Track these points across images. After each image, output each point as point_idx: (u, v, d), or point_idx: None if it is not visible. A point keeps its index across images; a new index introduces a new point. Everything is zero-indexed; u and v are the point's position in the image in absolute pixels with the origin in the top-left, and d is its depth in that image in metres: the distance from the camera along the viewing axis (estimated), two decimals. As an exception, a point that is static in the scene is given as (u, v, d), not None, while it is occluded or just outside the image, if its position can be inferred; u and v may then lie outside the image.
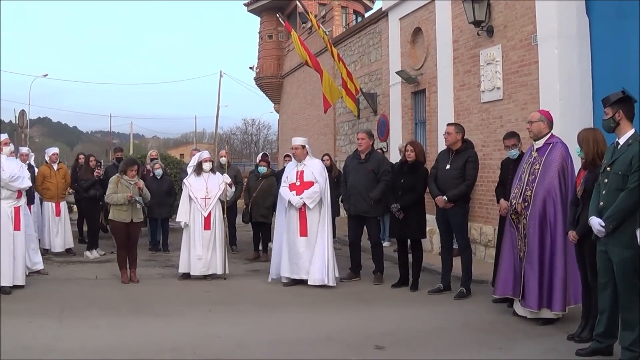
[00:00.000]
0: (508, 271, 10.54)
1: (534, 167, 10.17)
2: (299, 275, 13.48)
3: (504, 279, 10.59)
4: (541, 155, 10.16)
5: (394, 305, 11.90)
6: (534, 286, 9.98)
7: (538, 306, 10.01)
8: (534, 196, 10.01)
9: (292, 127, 36.54)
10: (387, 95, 22.59)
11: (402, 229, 13.07)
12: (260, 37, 40.89)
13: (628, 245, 7.63)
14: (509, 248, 10.60)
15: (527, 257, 10.11)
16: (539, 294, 9.97)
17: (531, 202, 10.04)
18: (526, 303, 10.12)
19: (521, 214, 10.19)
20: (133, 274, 13.86)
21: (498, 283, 10.77)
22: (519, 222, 10.29)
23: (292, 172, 13.87)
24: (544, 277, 9.97)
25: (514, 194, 10.40)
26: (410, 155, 12.96)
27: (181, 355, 8.61)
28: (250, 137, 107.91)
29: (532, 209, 10.03)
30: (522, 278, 10.16)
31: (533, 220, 10.01)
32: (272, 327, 10.22)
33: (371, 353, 8.76)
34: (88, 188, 17.13)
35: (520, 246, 10.31)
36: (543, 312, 10.06)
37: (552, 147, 10.11)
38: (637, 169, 7.68)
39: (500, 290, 10.71)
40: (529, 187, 10.12)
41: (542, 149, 10.23)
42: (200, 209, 14.13)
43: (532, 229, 10.02)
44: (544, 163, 10.04)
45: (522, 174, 10.38)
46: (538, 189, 9.99)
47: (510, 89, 15.18)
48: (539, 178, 10.03)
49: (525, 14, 14.59)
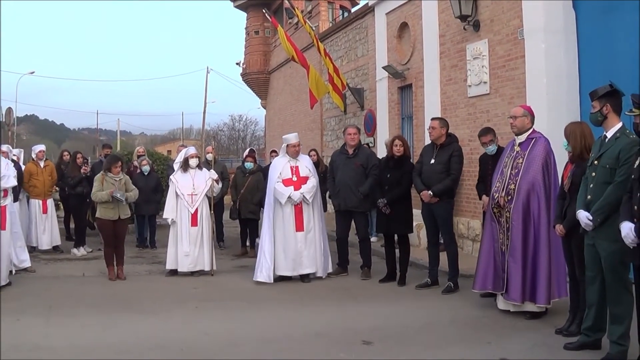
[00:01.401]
0: (487, 266, 10.56)
1: (517, 161, 10.18)
2: (298, 271, 13.50)
3: (483, 273, 10.63)
4: (524, 149, 10.18)
5: (381, 300, 11.90)
6: (517, 279, 10.00)
7: (521, 299, 10.03)
8: (518, 190, 10.02)
9: (279, 123, 36.53)
10: (373, 90, 22.60)
11: (389, 223, 13.06)
12: (247, 33, 40.87)
13: (616, 238, 7.61)
14: (489, 242, 10.61)
15: (510, 251, 10.12)
16: (522, 287, 9.99)
17: (515, 195, 10.05)
18: (509, 296, 10.14)
19: (504, 208, 10.20)
20: (120, 271, 13.82)
21: (477, 278, 10.77)
22: (501, 216, 10.30)
23: (286, 168, 13.77)
24: (527, 271, 9.99)
25: (496, 188, 10.41)
26: (400, 150, 12.95)
27: (168, 352, 8.58)
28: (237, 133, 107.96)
29: (515, 202, 10.04)
30: (505, 272, 10.17)
31: (517, 214, 10.02)
32: (259, 323, 10.20)
33: (359, 349, 8.75)
34: (75, 185, 17.07)
35: (502, 240, 10.32)
36: (527, 306, 10.08)
37: (535, 142, 10.14)
38: (624, 162, 7.68)
39: (480, 285, 10.73)
40: (512, 181, 10.13)
41: (524, 143, 10.25)
42: (187, 206, 14.10)
43: (516, 222, 10.03)
44: (528, 157, 10.06)
45: (503, 168, 10.39)
46: (522, 183, 10.00)
47: (496, 84, 15.18)
48: (522, 172, 10.04)
49: (511, 8, 14.58)
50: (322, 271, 13.67)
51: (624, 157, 7.69)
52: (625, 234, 7.14)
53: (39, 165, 17.17)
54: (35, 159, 17.26)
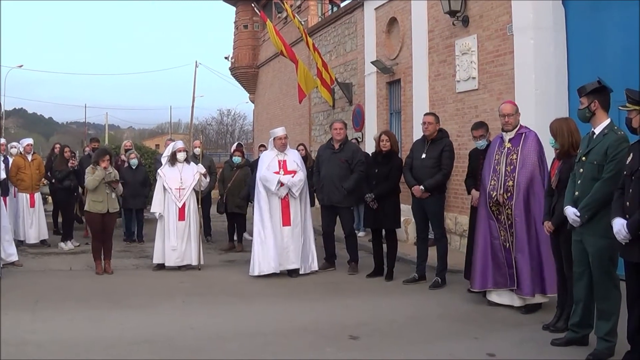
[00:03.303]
0: (486, 264, 10.51)
1: (510, 157, 10.16)
2: (284, 266, 13.48)
3: (482, 272, 10.56)
4: (515, 145, 10.18)
5: (368, 295, 11.90)
6: (527, 274, 10.01)
7: (533, 293, 10.05)
8: (517, 186, 10.00)
9: (267, 117, 36.47)
10: (362, 85, 22.58)
11: (377, 218, 13.06)
12: (236, 27, 40.77)
13: (603, 234, 7.64)
14: (485, 240, 10.56)
15: (516, 247, 10.10)
16: (532, 281, 10.00)
17: (514, 192, 10.03)
18: (522, 292, 10.12)
19: (503, 205, 10.17)
20: (107, 265, 13.79)
21: (475, 277, 10.70)
22: (500, 213, 10.27)
23: (273, 162, 13.71)
24: (534, 263, 10.01)
25: (492, 186, 10.34)
26: (386, 145, 12.92)
27: (155, 346, 8.57)
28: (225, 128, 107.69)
29: (516, 198, 10.03)
30: (515, 268, 10.16)
31: (519, 210, 10.01)
32: (246, 318, 10.20)
33: (346, 343, 8.76)
34: (62, 179, 17.04)
35: (504, 236, 10.29)
36: (537, 299, 10.13)
37: (525, 137, 10.15)
38: (612, 158, 7.70)
39: (479, 284, 10.65)
40: (509, 178, 10.10)
41: (514, 139, 10.25)
42: (175, 200, 14.06)
43: (519, 217, 10.02)
44: (522, 153, 10.05)
45: (496, 165, 10.35)
46: (520, 179, 9.98)
47: (485, 79, 15.19)
48: (519, 168, 10.03)
49: (501, 4, 14.59)
50: (308, 267, 13.64)
51: (612, 154, 7.71)
52: (617, 230, 7.14)
53: (26, 158, 17.07)
54: (23, 153, 17.18)
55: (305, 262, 13.61)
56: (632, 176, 7.14)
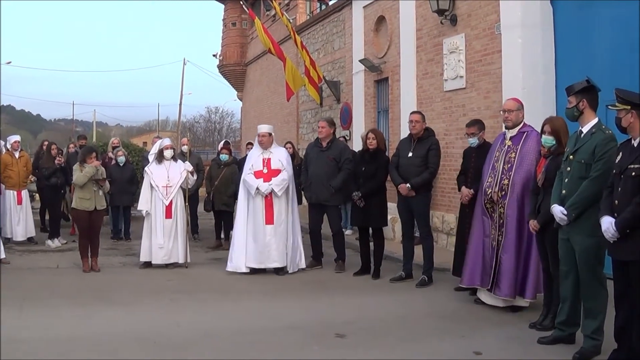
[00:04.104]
0: (476, 261, 10.53)
1: (509, 155, 10.13)
2: (266, 264, 13.45)
3: (471, 269, 10.61)
4: (516, 143, 10.15)
5: (355, 293, 11.92)
6: (510, 275, 9.97)
7: (514, 294, 10.02)
8: (512, 185, 9.97)
9: (255, 115, 36.49)
10: (350, 83, 22.59)
11: (364, 216, 13.08)
12: (224, 25, 40.81)
13: (590, 233, 7.67)
14: (479, 238, 10.57)
15: (504, 247, 10.08)
16: (514, 282, 9.98)
17: (509, 191, 10.01)
18: (501, 292, 10.09)
19: (497, 203, 10.16)
20: (94, 262, 13.76)
21: (465, 273, 10.74)
22: (494, 211, 10.26)
23: (257, 160, 13.75)
24: (520, 266, 9.97)
25: (488, 183, 10.33)
26: (372, 143, 12.94)
27: (142, 344, 8.55)
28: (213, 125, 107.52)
29: (510, 198, 10.00)
30: (497, 267, 10.14)
31: (511, 210, 9.98)
32: (233, 315, 10.21)
33: (332, 341, 8.75)
34: (49, 176, 17.00)
35: (494, 235, 10.29)
36: (517, 300, 10.10)
37: (526, 136, 10.09)
38: (600, 157, 7.73)
39: (468, 281, 10.72)
40: (505, 176, 10.08)
41: (516, 137, 10.21)
42: (162, 197, 14.04)
43: (511, 217, 9.99)
44: (521, 152, 10.01)
45: (495, 162, 10.34)
46: (516, 178, 9.95)
47: (473, 78, 15.21)
48: (515, 167, 10.00)
49: (489, 3, 14.60)
50: (293, 266, 13.61)
51: (600, 153, 7.74)
52: (605, 228, 7.16)
53: (13, 156, 17.02)
54: (10, 150, 17.13)
55: (293, 260, 13.59)
56: (621, 175, 7.16)
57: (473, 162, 11.54)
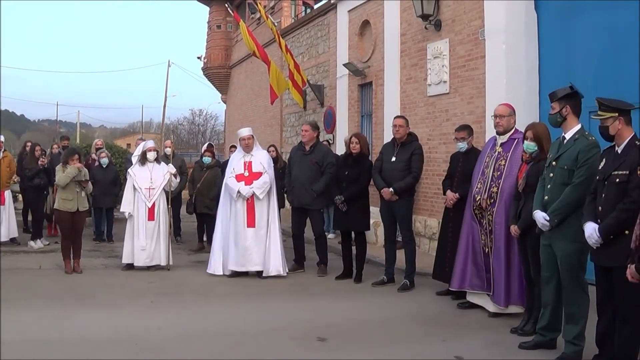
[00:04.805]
0: (465, 265, 10.55)
1: (499, 162, 10.10)
2: (247, 267, 13.44)
3: (461, 272, 10.61)
4: (506, 150, 10.11)
5: (337, 297, 11.91)
6: (501, 283, 9.96)
7: (505, 303, 10.00)
8: (501, 193, 9.93)
9: (239, 117, 36.45)
10: (334, 87, 22.60)
11: (346, 220, 13.09)
12: (209, 27, 40.75)
13: (573, 239, 7.71)
14: (468, 242, 10.57)
15: (494, 254, 10.08)
16: (506, 291, 9.95)
17: (497, 199, 9.98)
18: (495, 300, 10.12)
19: (486, 210, 10.16)
20: (77, 264, 13.73)
21: (455, 276, 10.74)
22: (483, 218, 10.26)
23: (239, 163, 13.76)
24: (513, 274, 9.92)
25: (477, 189, 10.32)
26: (355, 147, 12.95)
27: (123, 346, 8.54)
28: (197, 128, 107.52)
29: (498, 205, 9.96)
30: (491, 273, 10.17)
31: (499, 217, 9.94)
32: (215, 318, 10.20)
33: (314, 345, 8.76)
34: (32, 177, 16.96)
35: (484, 241, 10.29)
36: (511, 309, 10.06)
37: (517, 143, 9.99)
38: (583, 163, 7.76)
39: (457, 284, 10.71)
40: (494, 184, 10.04)
41: (506, 144, 10.17)
42: (145, 199, 14.02)
43: (499, 225, 9.94)
44: (510, 159, 9.97)
45: (485, 168, 10.32)
46: (504, 186, 9.89)
47: (456, 83, 15.24)
48: (505, 175, 9.95)
49: (473, 9, 14.64)
50: (274, 269, 13.56)
51: (583, 159, 7.77)
52: (589, 234, 7.19)
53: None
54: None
55: (274, 264, 13.57)
56: (604, 181, 7.19)
57: (460, 167, 11.52)
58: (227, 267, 13.51)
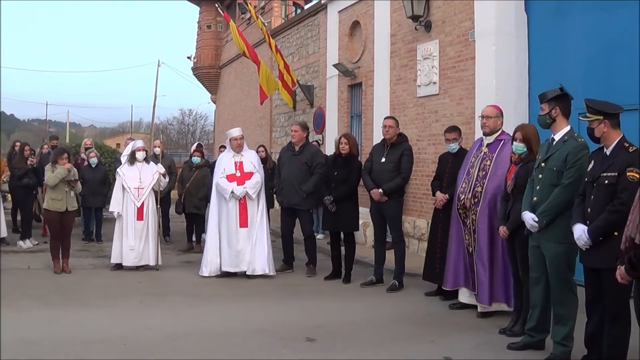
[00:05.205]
0: (458, 264, 10.60)
1: (484, 162, 10.13)
2: (241, 267, 13.44)
3: (454, 271, 10.67)
4: (492, 151, 10.14)
5: (326, 297, 11.91)
6: (485, 283, 9.99)
7: (489, 302, 10.04)
8: (485, 193, 9.97)
9: (228, 117, 36.42)
10: (323, 87, 22.60)
11: (335, 221, 13.08)
12: (199, 27, 40.76)
13: (561, 240, 7.72)
14: (458, 241, 10.62)
15: (477, 254, 10.11)
16: (490, 290, 9.98)
17: (481, 198, 10.01)
18: (478, 299, 10.15)
19: (470, 210, 10.18)
20: (65, 264, 13.69)
21: (448, 276, 10.79)
22: (467, 217, 10.29)
23: (229, 163, 13.72)
24: (496, 274, 9.97)
25: (462, 189, 10.36)
26: (345, 147, 12.95)
27: (111, 346, 8.52)
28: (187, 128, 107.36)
29: (482, 205, 10.00)
30: (475, 272, 10.18)
31: (483, 217, 9.98)
32: (203, 318, 10.18)
33: (302, 345, 8.75)
34: (21, 177, 16.92)
35: (468, 241, 10.33)
36: (495, 307, 10.11)
37: (503, 144, 10.05)
38: (572, 165, 7.77)
39: (451, 283, 10.76)
40: (479, 183, 10.08)
41: (493, 144, 10.20)
42: (134, 199, 13.99)
43: (482, 225, 9.99)
44: (496, 160, 10.00)
45: (470, 168, 10.35)
46: (489, 186, 9.94)
47: (446, 84, 15.25)
48: (490, 175, 9.99)
49: (463, 10, 14.65)
50: (264, 269, 13.55)
51: (572, 160, 7.78)
52: (578, 236, 7.21)
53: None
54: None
55: (263, 263, 13.56)
56: (593, 183, 7.21)
57: (449, 168, 11.53)
58: (221, 268, 13.49)
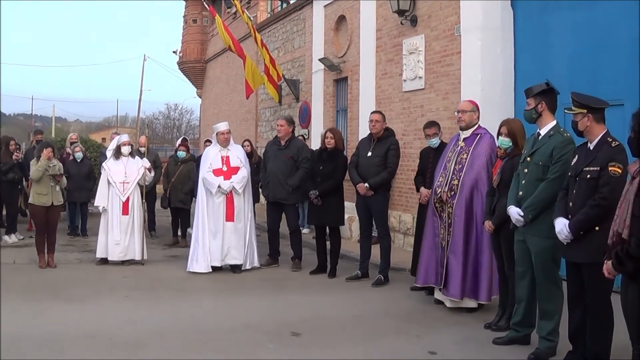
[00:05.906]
0: (430, 260, 10.57)
1: (461, 156, 10.16)
2: (226, 261, 13.44)
3: (426, 267, 10.65)
4: (468, 145, 10.16)
5: (311, 292, 11.92)
6: (457, 276, 9.98)
7: (461, 295, 10.04)
8: (461, 186, 10.00)
9: (214, 112, 36.36)
10: (309, 82, 22.58)
11: (321, 215, 13.10)
12: (185, 21, 40.62)
13: (547, 235, 7.71)
14: (430, 237, 10.61)
15: (451, 247, 10.11)
16: (462, 283, 9.99)
17: (458, 191, 10.03)
18: (449, 292, 10.14)
19: (446, 203, 10.18)
20: (51, 258, 13.67)
21: (419, 272, 10.80)
22: (443, 211, 10.29)
23: (216, 158, 13.67)
24: (469, 267, 9.98)
25: (438, 182, 10.37)
26: (330, 142, 12.95)
27: (96, 341, 8.51)
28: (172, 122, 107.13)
29: (458, 198, 10.02)
30: (445, 267, 10.18)
31: (459, 210, 10.01)
32: (189, 313, 10.17)
33: (288, 340, 8.76)
34: (7, 171, 16.85)
35: (442, 235, 10.31)
36: (465, 302, 10.11)
37: (479, 138, 10.11)
38: (558, 159, 7.78)
39: (422, 279, 10.75)
40: (455, 177, 10.10)
41: (469, 139, 10.22)
42: (119, 194, 13.97)
43: (458, 218, 10.01)
44: (472, 153, 10.03)
45: (447, 163, 10.36)
46: (465, 179, 9.98)
47: (432, 79, 15.25)
48: (466, 168, 10.01)
49: (449, 5, 14.65)
50: (249, 263, 13.60)
51: (558, 155, 7.79)
52: (559, 230, 7.23)
53: (-31, 150, 16.84)
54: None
55: (249, 258, 13.57)
56: (576, 177, 7.23)
57: (431, 163, 11.54)
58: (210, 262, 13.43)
